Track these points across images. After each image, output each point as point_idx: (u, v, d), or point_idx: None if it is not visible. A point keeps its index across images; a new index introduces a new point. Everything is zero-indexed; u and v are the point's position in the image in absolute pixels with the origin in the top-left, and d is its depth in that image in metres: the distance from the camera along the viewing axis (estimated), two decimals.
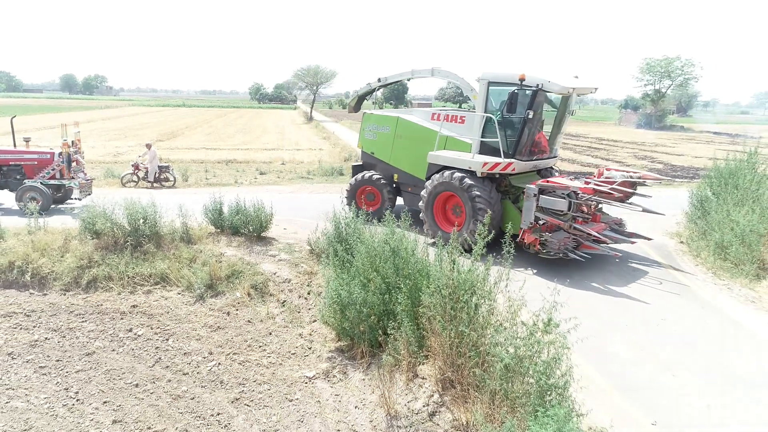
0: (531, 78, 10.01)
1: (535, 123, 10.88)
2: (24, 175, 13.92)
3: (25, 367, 7.77)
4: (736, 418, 5.64)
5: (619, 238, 10.05)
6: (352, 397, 6.92)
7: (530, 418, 4.46)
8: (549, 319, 4.82)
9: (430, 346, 6.56)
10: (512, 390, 5.06)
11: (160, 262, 10.52)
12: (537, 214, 9.39)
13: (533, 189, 9.43)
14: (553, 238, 9.31)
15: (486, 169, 10.45)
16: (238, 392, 7.24)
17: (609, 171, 11.15)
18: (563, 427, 4.04)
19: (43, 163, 13.96)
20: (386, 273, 7.36)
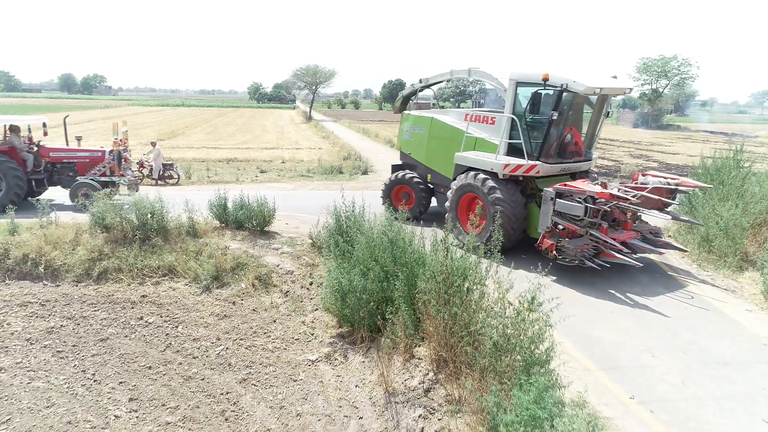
0: (555, 77, 9.68)
1: (562, 124, 10.45)
2: (76, 172, 14.46)
3: (43, 351, 8.22)
4: (707, 393, 6.09)
5: (647, 248, 9.44)
6: (353, 378, 7.39)
7: (515, 388, 4.91)
8: (533, 297, 5.28)
9: (425, 328, 7.01)
10: (500, 366, 5.52)
11: (167, 254, 10.97)
12: (554, 219, 9.11)
13: (550, 192, 9.14)
14: (570, 245, 8.91)
15: (507, 171, 10.24)
16: (245, 374, 7.70)
17: (645, 176, 10.40)
18: (543, 393, 4.49)
19: (94, 160, 14.54)
20: (385, 262, 7.81)
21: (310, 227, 11.78)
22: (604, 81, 10.09)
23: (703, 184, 10.51)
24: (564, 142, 10.73)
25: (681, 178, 10.42)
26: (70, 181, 14.25)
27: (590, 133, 11.21)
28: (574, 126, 10.89)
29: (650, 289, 9.13)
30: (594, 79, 9.84)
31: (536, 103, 9.91)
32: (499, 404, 4.49)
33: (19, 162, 13.73)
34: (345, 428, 6.50)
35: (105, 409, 6.84)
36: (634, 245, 9.27)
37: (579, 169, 11.18)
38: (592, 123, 11.09)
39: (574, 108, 10.67)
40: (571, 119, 10.73)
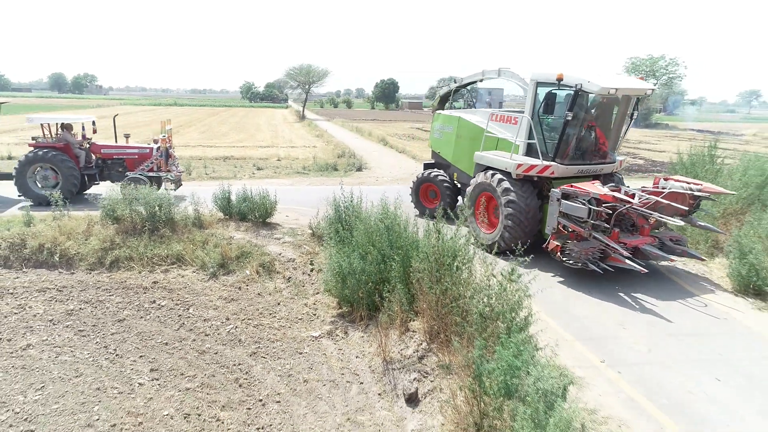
0: (570, 78, 9.62)
1: (579, 125, 10.31)
2: (125, 167, 15.11)
3: (66, 330, 8.88)
4: (671, 358, 6.87)
5: (660, 255, 9.19)
6: (353, 350, 8.12)
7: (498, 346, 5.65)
8: (512, 269, 6.04)
9: (419, 304, 7.74)
10: (486, 333, 6.27)
11: (175, 244, 11.63)
12: (560, 220, 9.04)
13: (557, 193, 9.09)
14: (575, 247, 8.79)
15: (521, 171, 10.18)
16: (254, 348, 8.42)
17: (667, 181, 10.05)
18: (521, 348, 5.24)
19: (143, 157, 15.21)
20: (382, 246, 8.55)
21: (310, 219, 12.50)
22: (620, 82, 10.01)
23: (725, 190, 10.08)
24: (585, 143, 10.64)
25: (704, 184, 9.84)
26: (120, 176, 14.95)
27: (614, 135, 10.96)
28: (602, 128, 10.74)
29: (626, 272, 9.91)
30: (609, 80, 9.73)
31: (550, 104, 9.94)
32: (483, 356, 5.23)
33: (73, 158, 14.43)
34: (347, 392, 7.24)
35: (129, 378, 7.53)
36: (647, 251, 9.05)
37: (600, 172, 10.82)
38: (616, 125, 10.89)
39: (601, 109, 10.61)
40: (599, 120, 10.67)
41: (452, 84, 14.49)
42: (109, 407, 6.85)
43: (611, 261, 8.75)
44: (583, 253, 8.70)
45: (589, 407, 5.70)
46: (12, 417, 6.59)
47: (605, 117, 10.78)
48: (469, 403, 5.44)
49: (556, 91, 9.93)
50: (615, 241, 8.72)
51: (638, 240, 9.14)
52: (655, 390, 6.15)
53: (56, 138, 14.67)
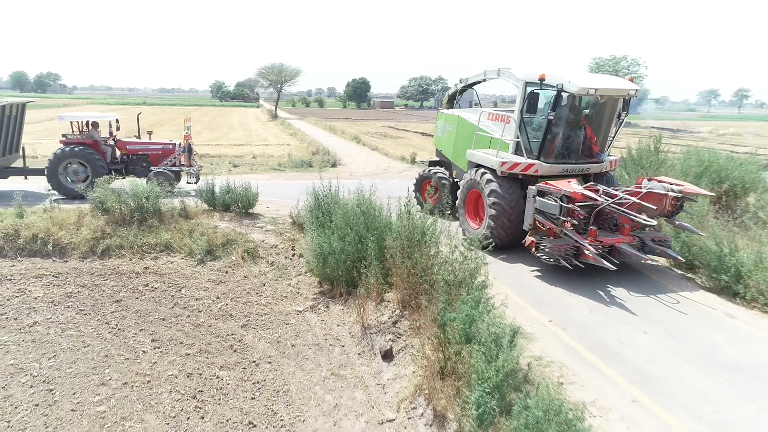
0: (552, 78, 9.84)
1: (563, 125, 10.52)
2: (149, 163, 15.91)
3: (68, 310, 9.61)
4: (609, 319, 8.01)
5: (635, 255, 9.09)
6: (335, 320, 9.12)
7: (458, 302, 6.71)
8: (471, 240, 7.11)
9: (392, 278, 8.77)
10: (450, 297, 7.33)
11: (163, 233, 12.40)
12: (536, 217, 9.28)
13: (532, 190, 9.37)
14: (549, 243, 9.02)
15: (505, 169, 10.37)
16: (244, 321, 9.33)
17: (650, 181, 10.10)
18: (478, 302, 6.31)
19: (166, 152, 16.05)
20: (358, 228, 9.55)
21: (290, 209, 13.40)
22: (600, 82, 10.22)
23: (705, 191, 10.02)
24: (572, 142, 10.79)
25: (685, 185, 9.82)
26: (144, 171, 15.76)
27: (603, 135, 11.05)
28: (593, 128, 10.87)
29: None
30: (589, 80, 10.00)
31: (533, 103, 10.09)
32: (446, 308, 6.29)
33: (101, 154, 15.31)
34: (331, 353, 8.23)
35: (133, 348, 8.34)
36: (622, 249, 9.04)
37: (587, 171, 10.91)
38: (604, 125, 10.98)
39: (594, 109, 10.84)
40: (590, 120, 10.85)
41: (459, 84, 14.55)
42: (119, 370, 7.68)
43: (584, 258, 8.86)
44: (556, 249, 8.90)
45: (536, 354, 6.81)
46: (31, 380, 7.36)
47: (597, 117, 10.87)
48: (435, 350, 6.48)
49: (539, 91, 10.13)
50: (592, 239, 8.87)
51: (615, 239, 9.20)
52: (593, 342, 7.29)
53: (85, 135, 15.51)
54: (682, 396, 6.02)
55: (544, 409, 4.97)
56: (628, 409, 5.80)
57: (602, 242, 9.00)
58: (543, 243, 9.11)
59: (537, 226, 9.42)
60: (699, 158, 15.50)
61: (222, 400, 7.06)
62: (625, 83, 10.47)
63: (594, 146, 10.96)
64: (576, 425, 4.90)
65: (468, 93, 14.80)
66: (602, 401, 5.93)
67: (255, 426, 6.54)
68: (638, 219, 8.98)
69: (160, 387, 7.30)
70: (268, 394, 7.21)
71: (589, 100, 10.72)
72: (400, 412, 6.61)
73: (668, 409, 5.78)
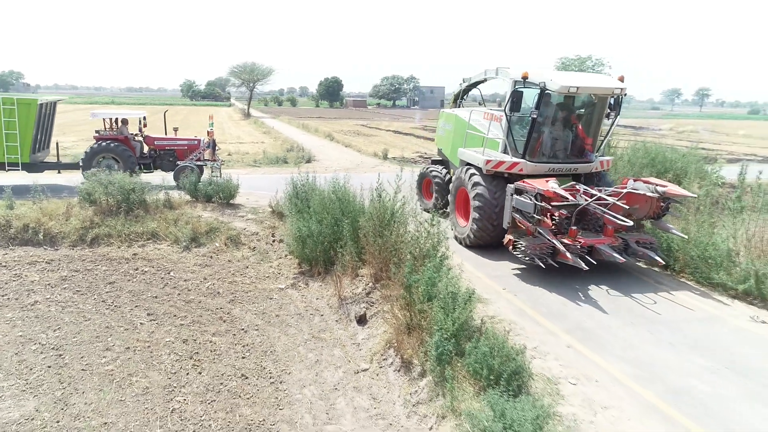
0: (534, 76, 9.85)
1: (548, 124, 10.55)
2: (176, 157, 16.96)
3: (64, 291, 10.35)
4: (552, 284, 9.18)
5: (613, 256, 8.84)
6: (314, 295, 10.13)
7: (423, 269, 7.78)
8: (433, 216, 8.20)
9: (366, 256, 9.79)
10: (416, 266, 8.40)
11: (150, 222, 13.18)
12: (514, 215, 9.29)
13: (510, 188, 9.38)
14: (525, 242, 9.00)
15: (490, 167, 10.37)
16: (231, 297, 10.24)
17: (636, 182, 9.92)
18: (439, 267, 7.40)
19: (191, 148, 17.13)
20: (334, 212, 10.56)
21: (269, 199, 14.31)
22: (583, 81, 10.15)
23: (688, 193, 9.63)
24: (559, 141, 10.78)
25: (669, 186, 9.52)
26: (170, 165, 16.84)
27: (593, 135, 10.90)
28: (584, 127, 10.85)
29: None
30: (571, 79, 9.94)
31: (516, 101, 9.98)
32: (412, 273, 7.35)
33: (131, 149, 16.40)
34: (311, 320, 9.23)
35: (131, 321, 9.17)
36: (601, 250, 8.92)
37: (574, 171, 10.79)
38: (594, 125, 10.87)
39: (586, 109, 10.83)
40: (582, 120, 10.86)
41: (462, 84, 14.45)
42: (120, 338, 8.52)
43: (561, 258, 8.80)
44: (531, 248, 8.89)
45: (489, 314, 7.93)
46: (40, 347, 8.15)
47: (587, 116, 10.83)
48: (403, 309, 7.54)
49: (523, 89, 10.11)
50: (571, 239, 8.89)
51: (596, 239, 9.12)
52: (540, 305, 8.43)
53: (116, 131, 16.50)
54: (609, 343, 7.20)
55: (490, 347, 6.08)
56: (563, 353, 6.95)
57: (581, 242, 8.92)
58: (520, 242, 9.06)
59: (517, 225, 9.43)
60: (646, 151, 17.06)
61: (216, 359, 7.98)
62: (610, 82, 10.30)
63: (586, 146, 10.85)
64: (516, 359, 6.03)
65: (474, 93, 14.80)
66: (542, 347, 7.07)
67: (247, 378, 7.49)
68: (614, 219, 8.88)
69: (160, 350, 8.17)
70: (257, 354, 8.17)
71: (580, 100, 10.67)
72: (372, 363, 7.66)
73: (596, 352, 6.96)
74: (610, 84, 10.16)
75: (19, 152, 15.34)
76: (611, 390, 6.14)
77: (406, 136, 42.83)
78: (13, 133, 15.19)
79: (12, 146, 15.26)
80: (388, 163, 25.30)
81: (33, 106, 15.34)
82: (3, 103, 14.97)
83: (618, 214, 9.02)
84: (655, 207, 9.58)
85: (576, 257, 8.59)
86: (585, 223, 9.58)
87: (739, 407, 5.80)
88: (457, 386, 6.12)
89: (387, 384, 7.16)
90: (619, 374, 6.44)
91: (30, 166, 15.90)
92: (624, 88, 10.09)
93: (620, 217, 8.95)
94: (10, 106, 15.02)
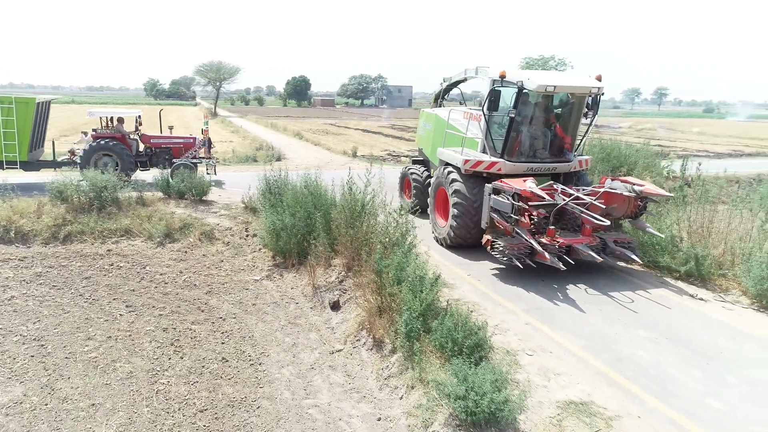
0: (512, 75, 9.88)
1: (526, 123, 10.58)
2: (172, 155, 17.13)
3: (41, 287, 10.48)
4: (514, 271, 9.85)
5: (590, 256, 8.83)
6: (288, 285, 10.56)
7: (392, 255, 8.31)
8: (400, 206, 8.75)
9: (338, 247, 10.26)
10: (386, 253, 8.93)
11: (123, 219, 13.34)
12: (492, 215, 9.27)
13: (488, 188, 9.37)
14: (502, 242, 8.99)
15: (468, 167, 10.35)
16: (208, 289, 10.58)
17: (614, 181, 9.92)
18: (408, 253, 7.95)
19: (187, 146, 17.42)
20: (307, 206, 11.00)
21: (242, 195, 14.63)
22: (561, 80, 10.20)
23: (665, 192, 9.70)
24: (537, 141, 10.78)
25: (646, 185, 9.63)
26: (167, 162, 16.96)
27: (571, 134, 10.94)
28: (563, 127, 10.90)
29: None
30: (548, 78, 9.99)
31: (494, 100, 9.91)
32: (381, 258, 7.88)
33: (128, 147, 16.60)
34: (287, 308, 9.67)
35: (110, 312, 9.41)
36: (578, 250, 8.94)
37: (553, 171, 10.79)
38: (572, 124, 10.89)
39: (567, 108, 10.84)
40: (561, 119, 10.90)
41: (443, 83, 14.35)
42: (101, 328, 8.78)
43: (539, 258, 8.83)
44: (509, 248, 8.88)
45: (455, 297, 8.51)
46: (22, 339, 8.34)
47: (565, 116, 10.88)
48: (374, 294, 8.06)
49: (500, 89, 10.03)
50: (550, 238, 8.94)
51: (574, 239, 9.16)
52: (502, 288, 9.07)
53: (113, 129, 16.69)
54: (564, 320, 7.85)
55: (454, 322, 6.66)
56: (522, 329, 7.59)
57: (559, 242, 8.96)
58: (498, 242, 9.07)
59: (495, 225, 9.45)
60: (602, 146, 18.03)
61: (197, 345, 8.33)
62: (588, 81, 10.29)
63: (565, 145, 10.90)
64: (478, 333, 6.62)
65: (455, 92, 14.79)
66: (503, 325, 7.70)
67: (227, 361, 7.88)
68: (592, 219, 8.96)
69: (141, 339, 8.47)
70: (236, 339, 8.56)
71: (558, 99, 10.75)
72: (346, 344, 8.17)
73: (552, 329, 7.61)
74: (588, 83, 10.18)
75: (17, 151, 15.52)
76: (564, 359, 6.80)
77: (375, 135, 43.37)
78: (11, 131, 15.39)
79: (10, 145, 15.46)
80: (357, 161, 25.78)
81: (31, 105, 15.55)
82: (1, 102, 15.14)
83: (596, 214, 9.12)
84: (633, 206, 9.62)
85: (554, 257, 8.65)
86: (563, 222, 9.68)
87: (674, 370, 6.53)
88: (425, 359, 6.68)
89: (360, 362, 7.67)
90: (572, 346, 7.11)
91: (27, 165, 16.08)
92: (601, 87, 10.12)
93: (598, 216, 9.00)
94: (8, 105, 15.20)
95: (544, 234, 9.06)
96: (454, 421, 5.73)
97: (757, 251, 8.91)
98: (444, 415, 5.86)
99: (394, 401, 6.62)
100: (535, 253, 8.86)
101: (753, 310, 8.52)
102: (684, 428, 5.43)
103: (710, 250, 9.64)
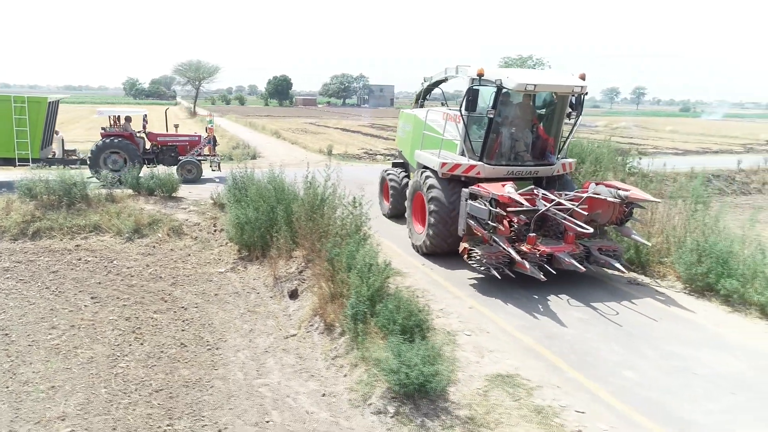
0: (490, 74, 9.45)
1: (506, 124, 10.12)
2: (177, 153, 17.88)
3: (7, 280, 10.73)
4: (465, 262, 10.35)
5: (572, 264, 8.37)
6: (251, 276, 10.96)
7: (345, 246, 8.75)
8: (354, 198, 9.20)
9: (299, 240, 10.67)
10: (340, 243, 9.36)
11: (92, 215, 13.60)
12: (470, 222, 8.73)
13: (465, 193, 8.89)
14: (480, 250, 8.48)
15: (445, 170, 9.83)
16: (173, 281, 10.92)
17: (598, 186, 9.39)
18: (359, 244, 8.39)
19: (192, 144, 18.24)
20: (270, 200, 11.38)
21: (210, 192, 14.95)
22: (542, 79, 9.68)
23: (651, 197, 9.28)
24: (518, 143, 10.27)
25: (632, 190, 9.16)
26: (173, 160, 17.75)
27: (552, 136, 10.41)
28: (545, 128, 10.47)
29: None
30: (528, 77, 9.51)
31: (472, 100, 9.34)
32: (334, 247, 8.32)
33: (136, 145, 17.24)
34: (248, 298, 10.07)
35: (75, 303, 9.71)
36: (560, 258, 8.43)
37: (535, 174, 10.21)
38: (555, 125, 10.37)
39: (549, 108, 10.46)
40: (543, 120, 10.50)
41: (424, 83, 13.88)
42: (65, 318, 9.09)
43: (518, 267, 8.34)
44: (487, 257, 8.39)
45: (407, 285, 8.98)
46: None
47: (548, 116, 10.47)
48: (327, 281, 8.49)
49: (478, 87, 9.47)
50: (530, 246, 8.53)
51: (555, 247, 8.70)
52: (452, 276, 9.57)
53: (121, 128, 17.20)
54: (509, 305, 8.33)
55: (395, 304, 7.12)
56: (465, 312, 8.09)
57: (539, 250, 8.50)
58: (476, 250, 8.55)
59: (473, 232, 8.86)
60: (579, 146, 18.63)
61: (157, 332, 8.69)
62: (570, 79, 9.76)
63: (549, 148, 10.42)
64: (418, 314, 7.10)
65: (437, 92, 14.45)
66: (448, 309, 8.19)
67: (186, 346, 8.26)
68: (574, 226, 8.52)
69: (104, 327, 8.80)
70: (196, 326, 8.94)
71: (540, 99, 10.38)
72: (300, 329, 8.60)
73: (495, 312, 8.12)
74: (570, 82, 9.67)
75: (29, 148, 15.99)
76: (499, 338, 7.31)
77: (354, 134, 43.77)
78: (23, 130, 15.84)
79: (23, 142, 15.92)
80: (332, 159, 26.15)
81: (43, 104, 16.07)
82: (14, 102, 15.67)
83: (579, 221, 8.61)
84: (618, 212, 9.11)
85: (534, 266, 8.19)
86: (546, 229, 9.26)
87: (597, 345, 7.09)
88: (369, 340, 7.14)
89: (312, 345, 8.10)
90: (508, 326, 7.63)
91: (38, 162, 16.40)
92: (585, 86, 9.64)
93: (580, 223, 8.50)
94: (21, 104, 15.72)
95: (524, 242, 8.63)
96: (389, 393, 6.20)
97: (688, 239, 9.52)
98: (381, 389, 6.33)
99: (338, 379, 7.07)
100: (514, 262, 8.34)
101: (684, 294, 9.14)
102: (596, 395, 5.97)
103: (650, 239, 10.24)
